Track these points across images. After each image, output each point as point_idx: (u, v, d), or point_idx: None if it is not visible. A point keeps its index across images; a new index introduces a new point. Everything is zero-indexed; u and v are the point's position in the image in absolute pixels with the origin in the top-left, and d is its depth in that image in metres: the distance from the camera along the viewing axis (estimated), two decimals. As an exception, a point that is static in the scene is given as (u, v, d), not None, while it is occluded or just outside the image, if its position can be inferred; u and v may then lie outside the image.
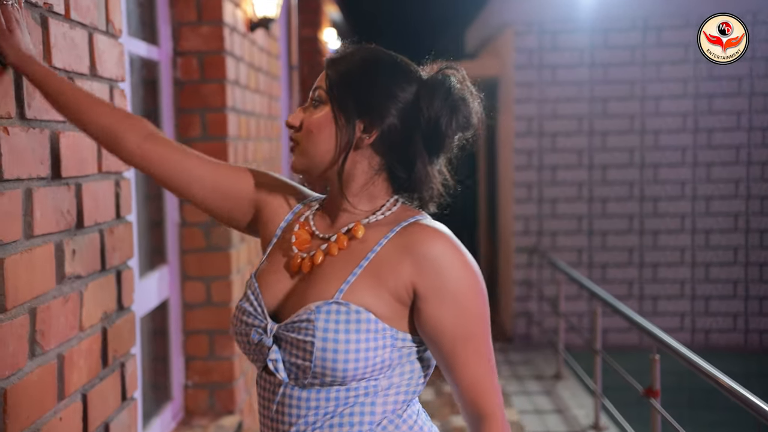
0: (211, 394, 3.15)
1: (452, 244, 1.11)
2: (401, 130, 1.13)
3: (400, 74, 1.15)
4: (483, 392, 1.12)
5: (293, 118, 1.17)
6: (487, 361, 1.13)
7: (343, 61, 1.16)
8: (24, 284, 1.34)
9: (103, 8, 1.73)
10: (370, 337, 1.07)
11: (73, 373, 1.53)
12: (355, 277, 1.11)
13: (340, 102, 1.13)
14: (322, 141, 1.14)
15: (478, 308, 1.11)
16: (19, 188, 1.33)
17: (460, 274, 1.09)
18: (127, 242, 1.86)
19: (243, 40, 3.40)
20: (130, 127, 1.31)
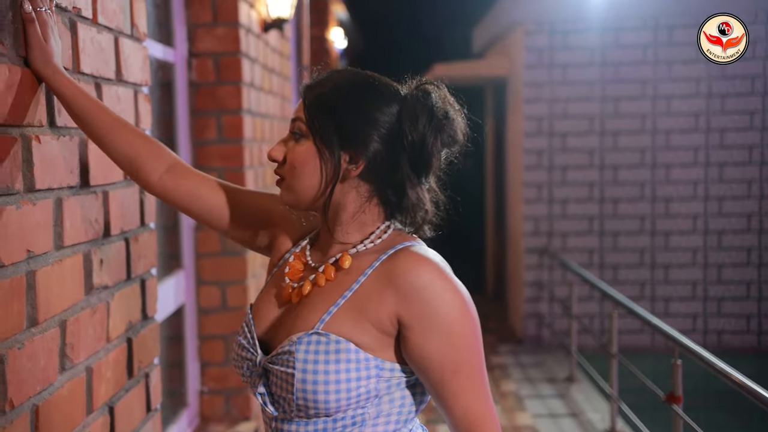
0: (227, 400, 3.11)
1: (438, 271, 1.09)
2: (387, 155, 1.12)
3: (379, 98, 1.12)
4: (477, 423, 1.08)
5: (275, 151, 1.15)
6: (481, 391, 1.09)
7: (319, 89, 1.13)
8: (55, 296, 1.30)
9: (128, 12, 1.69)
10: (352, 368, 1.06)
11: (101, 386, 1.50)
12: (337, 307, 1.10)
13: (322, 134, 1.11)
14: (307, 176, 1.12)
15: (467, 336, 1.08)
16: (50, 198, 1.29)
17: (446, 302, 1.07)
18: (151, 250, 1.82)
19: (257, 41, 3.37)
20: (153, 158, 1.30)
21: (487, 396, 1.10)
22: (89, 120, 1.27)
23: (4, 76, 1.14)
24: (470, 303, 1.11)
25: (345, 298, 1.11)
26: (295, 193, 1.15)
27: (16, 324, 1.17)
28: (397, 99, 1.13)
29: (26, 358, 1.20)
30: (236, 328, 3.07)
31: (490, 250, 8.15)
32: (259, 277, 3.32)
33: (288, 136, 1.16)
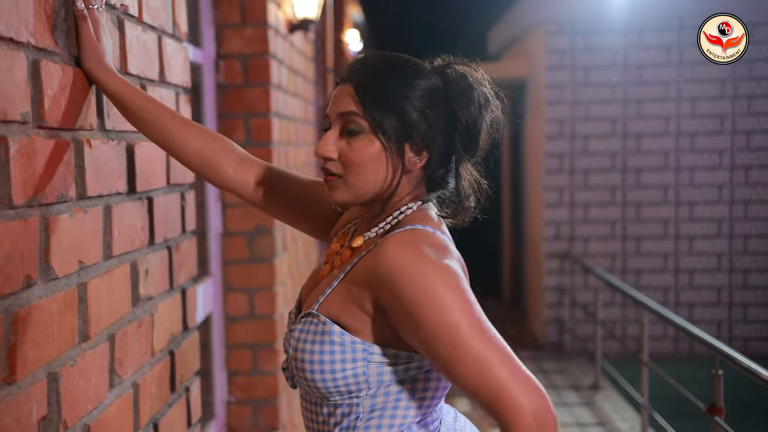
0: (254, 411, 3.04)
1: (414, 253, 1.00)
2: (444, 141, 1.09)
3: (429, 83, 1.09)
4: (496, 399, 0.94)
5: (328, 150, 1.08)
6: (491, 365, 0.95)
7: (372, 81, 1.07)
8: (104, 309, 1.23)
9: (170, 9, 1.62)
10: (336, 350, 1.04)
11: (146, 402, 1.42)
12: (331, 289, 1.09)
13: (385, 129, 1.06)
14: (372, 172, 1.07)
15: (449, 314, 0.96)
16: (100, 205, 1.22)
17: (418, 283, 0.97)
18: (191, 258, 1.75)
19: (283, 42, 3.30)
20: (224, 152, 1.27)
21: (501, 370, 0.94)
22: (152, 120, 1.20)
23: (58, 77, 1.07)
24: (454, 276, 1.00)
25: (338, 279, 1.09)
26: (355, 190, 1.09)
27: (69, 340, 1.10)
28: (439, 81, 1.10)
29: (78, 376, 1.13)
30: (264, 337, 3.00)
31: (506, 255, 8.06)
32: (287, 284, 3.25)
33: (335, 132, 1.09)
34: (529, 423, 0.92)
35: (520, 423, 0.92)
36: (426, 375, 1.08)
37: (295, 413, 3.48)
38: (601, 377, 4.93)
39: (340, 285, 1.08)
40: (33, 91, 1.00)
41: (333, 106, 1.10)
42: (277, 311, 3.04)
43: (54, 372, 1.05)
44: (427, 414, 1.10)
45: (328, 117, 1.11)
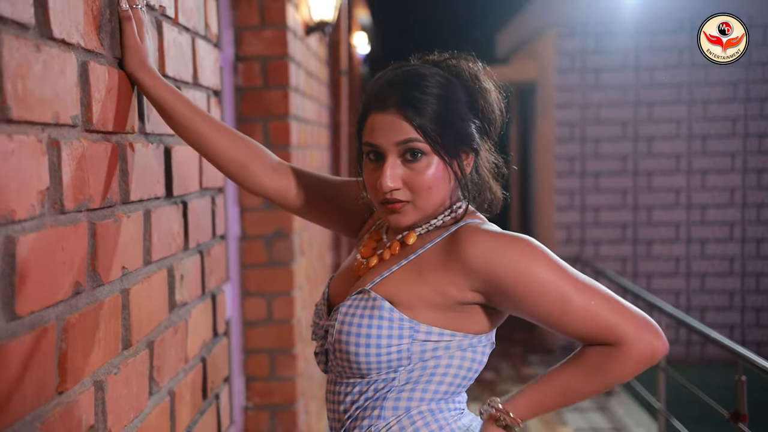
0: (272, 417, 3.01)
1: (493, 237, 1.09)
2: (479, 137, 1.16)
3: (457, 87, 1.14)
4: (604, 331, 1.06)
5: (394, 181, 1.10)
6: (592, 305, 1.06)
7: (426, 103, 1.10)
8: (144, 316, 1.21)
9: (203, 11, 1.60)
10: (384, 325, 1.08)
11: (182, 410, 1.40)
12: (390, 272, 1.13)
13: (448, 149, 1.11)
14: (442, 190, 1.12)
15: (542, 276, 1.06)
16: (140, 210, 1.20)
17: (509, 260, 1.07)
18: (221, 263, 1.73)
19: (301, 44, 3.28)
20: (261, 160, 1.28)
21: (601, 302, 1.06)
22: (192, 126, 1.18)
23: (104, 80, 1.05)
24: (531, 243, 1.09)
25: (399, 265, 1.13)
26: (425, 211, 1.13)
27: (113, 347, 1.08)
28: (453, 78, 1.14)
29: (122, 384, 1.10)
30: (282, 342, 2.98)
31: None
32: (304, 288, 3.22)
33: (394, 160, 1.10)
34: (639, 350, 1.05)
35: (630, 350, 1.05)
36: (462, 353, 1.11)
37: (312, 419, 3.45)
38: (614, 382, 4.90)
39: (402, 270, 1.12)
40: (81, 94, 0.98)
41: (385, 135, 1.09)
42: (295, 316, 3.01)
43: (100, 380, 1.03)
44: (456, 393, 1.15)
45: (375, 145, 1.10)
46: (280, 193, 1.29)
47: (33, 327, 0.85)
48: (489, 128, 1.16)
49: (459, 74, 1.14)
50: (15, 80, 0.81)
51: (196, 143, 1.22)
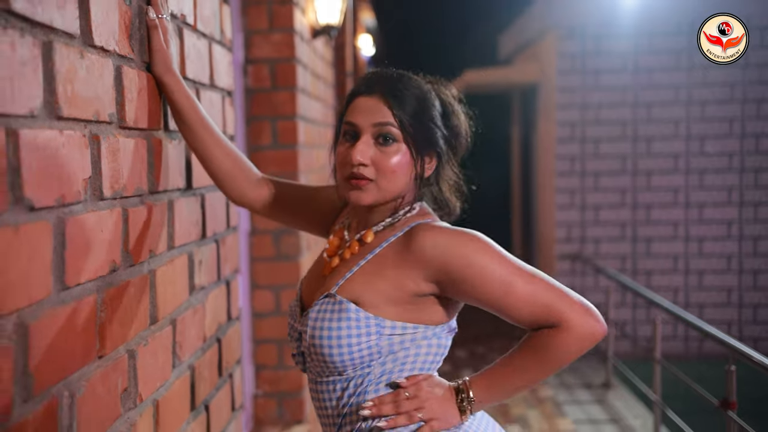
0: (280, 404, 3.14)
1: (446, 232, 1.18)
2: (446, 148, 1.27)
3: (437, 102, 1.26)
4: (547, 313, 1.15)
5: (364, 155, 1.19)
6: (532, 289, 1.15)
7: (406, 99, 1.21)
8: (169, 296, 1.33)
9: (218, 17, 1.73)
10: (352, 325, 1.16)
11: (200, 384, 1.53)
12: (351, 273, 1.22)
13: (417, 142, 1.21)
14: (403, 178, 1.21)
15: (487, 264, 1.15)
16: (165, 200, 1.33)
17: (459, 251, 1.15)
18: (234, 252, 1.86)
19: (307, 47, 3.40)
20: (244, 173, 1.43)
21: (545, 288, 1.15)
22: (197, 133, 1.33)
23: (135, 82, 1.18)
24: (478, 237, 1.18)
25: (359, 266, 1.22)
26: (384, 193, 1.21)
27: (143, 321, 1.21)
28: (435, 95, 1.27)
29: (150, 355, 1.23)
30: (289, 332, 3.10)
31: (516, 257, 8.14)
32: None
33: (368, 140, 1.20)
34: (579, 330, 1.14)
35: (571, 331, 1.14)
36: (428, 342, 1.22)
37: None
38: (612, 376, 5.01)
39: (363, 269, 1.21)
40: (116, 95, 1.11)
41: (365, 115, 1.20)
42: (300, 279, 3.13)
43: (132, 350, 1.16)
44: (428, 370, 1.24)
45: (354, 124, 1.21)
46: (259, 203, 1.44)
47: (79, 297, 0.97)
48: (455, 144, 1.28)
49: (438, 92, 1.28)
50: (65, 83, 0.93)
51: (196, 148, 1.36)
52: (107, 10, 1.07)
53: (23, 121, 0.84)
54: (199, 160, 1.41)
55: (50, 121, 0.90)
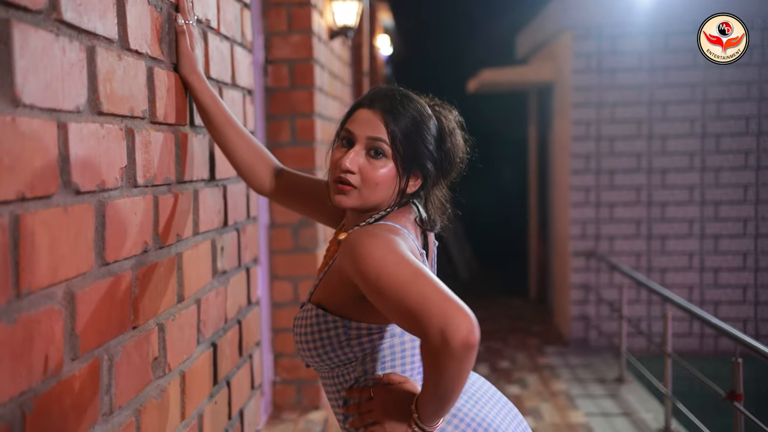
0: (298, 390, 3.26)
1: (363, 235, 1.18)
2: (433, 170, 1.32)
3: (433, 125, 1.31)
4: (416, 323, 1.07)
5: (353, 164, 1.25)
6: (408, 302, 1.08)
7: (402, 119, 1.27)
8: (193, 277, 1.46)
9: (240, 21, 1.85)
10: (322, 329, 1.26)
11: (222, 361, 1.65)
12: (320, 280, 1.32)
13: (404, 160, 1.27)
14: (385, 190, 1.27)
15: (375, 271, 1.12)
16: (190, 189, 1.45)
17: (364, 256, 1.14)
18: (254, 241, 1.98)
19: (325, 48, 3.52)
20: (265, 164, 1.52)
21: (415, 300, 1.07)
22: (221, 129, 1.45)
23: (164, 81, 1.30)
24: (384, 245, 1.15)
25: (329, 266, 1.31)
26: (364, 201, 1.28)
27: (170, 299, 1.33)
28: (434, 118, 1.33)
29: (177, 330, 1.35)
30: (307, 322, 3.22)
31: (533, 254, 8.20)
32: (326, 273, 3.46)
33: (360, 150, 1.26)
34: (436, 339, 1.04)
35: (429, 340, 1.06)
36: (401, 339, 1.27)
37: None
38: (626, 371, 5.07)
39: (328, 274, 1.30)
40: (148, 93, 1.23)
41: (363, 127, 1.27)
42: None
43: (162, 323, 1.28)
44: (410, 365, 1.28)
45: (351, 133, 1.28)
46: (277, 193, 1.54)
47: (117, 273, 1.10)
48: (447, 167, 1.33)
49: (439, 117, 1.34)
50: (105, 82, 1.06)
51: (219, 141, 1.47)
52: (141, 17, 1.20)
53: (71, 115, 0.96)
54: (223, 153, 1.51)
55: (93, 116, 1.03)
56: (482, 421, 1.27)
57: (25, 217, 0.84)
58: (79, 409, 0.98)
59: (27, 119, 0.84)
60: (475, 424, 1.26)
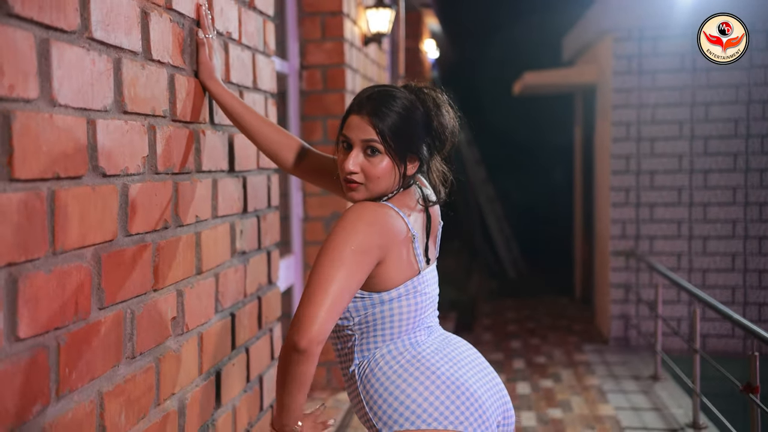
0: (328, 371, 3.49)
1: (352, 208, 1.41)
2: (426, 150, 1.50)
3: (419, 112, 1.48)
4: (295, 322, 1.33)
5: (355, 167, 1.45)
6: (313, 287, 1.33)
7: (387, 118, 1.44)
8: (212, 254, 1.70)
9: (262, 33, 2.09)
10: None
11: (240, 329, 1.89)
12: None
13: (398, 153, 1.44)
14: (386, 181, 1.46)
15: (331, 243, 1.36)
16: (209, 178, 1.69)
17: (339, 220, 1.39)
18: (275, 227, 2.21)
19: (358, 53, 3.76)
20: (289, 150, 1.72)
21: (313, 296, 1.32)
22: (242, 121, 1.67)
23: (185, 86, 1.55)
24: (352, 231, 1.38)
25: None
26: (371, 193, 1.47)
27: (189, 270, 1.57)
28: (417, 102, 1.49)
29: (195, 296, 1.59)
30: (338, 309, 3.45)
31: (578, 254, 8.25)
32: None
33: (359, 152, 1.44)
34: (289, 341, 1.33)
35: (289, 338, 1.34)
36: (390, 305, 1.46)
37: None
38: (661, 369, 5.11)
39: None
40: (169, 95, 1.48)
41: (356, 132, 1.44)
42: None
43: (180, 289, 1.52)
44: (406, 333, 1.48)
45: (348, 138, 1.46)
46: (303, 171, 1.73)
47: (138, 243, 1.34)
48: (438, 144, 1.51)
49: (424, 101, 1.50)
50: (129, 87, 1.31)
51: (245, 132, 1.70)
52: (163, 32, 1.45)
53: (99, 113, 1.21)
54: (251, 141, 1.71)
55: (118, 114, 1.27)
56: (456, 380, 1.44)
57: (59, 192, 1.09)
58: (104, 348, 1.22)
59: (62, 116, 1.09)
60: (450, 382, 1.44)
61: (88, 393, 1.17)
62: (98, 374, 1.20)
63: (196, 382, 1.60)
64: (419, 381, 1.43)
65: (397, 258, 1.43)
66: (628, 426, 4.14)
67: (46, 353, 1.06)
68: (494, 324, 7.01)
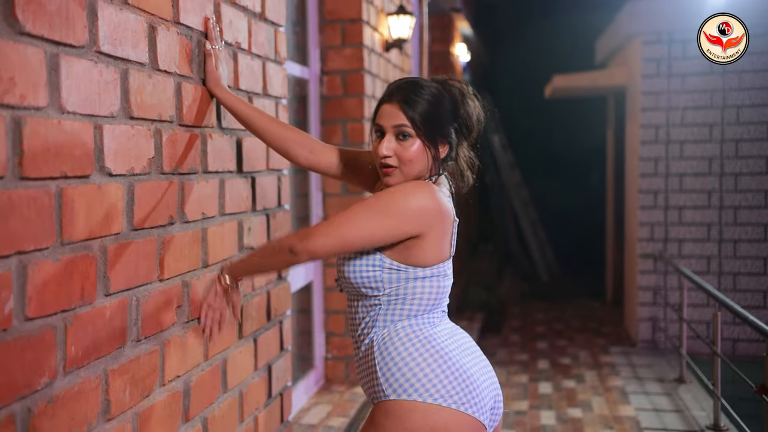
0: (346, 366, 3.61)
1: (404, 184, 1.55)
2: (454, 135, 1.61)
3: (447, 100, 1.60)
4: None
5: (390, 151, 1.57)
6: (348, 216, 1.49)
7: (417, 104, 1.56)
8: (218, 249, 1.83)
9: (273, 42, 2.22)
10: (363, 255, 1.55)
11: (248, 320, 2.01)
12: None
13: (429, 137, 1.56)
14: (419, 164, 1.57)
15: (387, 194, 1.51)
16: (217, 179, 1.82)
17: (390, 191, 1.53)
18: (285, 226, 2.34)
19: (379, 59, 3.87)
20: (298, 146, 1.82)
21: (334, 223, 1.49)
22: (251, 122, 1.79)
23: (192, 93, 1.68)
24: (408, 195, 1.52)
25: None
26: (406, 176, 1.58)
27: (195, 263, 1.70)
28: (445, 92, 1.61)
29: (201, 288, 1.72)
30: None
31: (609, 257, 8.21)
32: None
33: (391, 138, 1.57)
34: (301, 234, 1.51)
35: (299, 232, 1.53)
36: (422, 282, 1.57)
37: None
38: (687, 372, 5.09)
39: None
40: (176, 102, 1.61)
41: (387, 119, 1.58)
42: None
43: (186, 281, 1.66)
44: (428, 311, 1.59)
45: (381, 126, 1.60)
46: (315, 167, 1.83)
47: (144, 237, 1.48)
48: (465, 131, 1.63)
49: (450, 91, 1.62)
50: (135, 95, 1.44)
51: (254, 131, 1.81)
52: (170, 44, 1.58)
53: (106, 119, 1.34)
54: (261, 139, 1.83)
55: (125, 119, 1.41)
56: (462, 366, 1.56)
57: (67, 189, 1.22)
58: (109, 331, 1.36)
59: (69, 122, 1.23)
60: (456, 368, 1.55)
61: (94, 370, 1.31)
62: (103, 354, 1.33)
63: (201, 366, 1.73)
64: (433, 359, 1.54)
65: (440, 237, 1.56)
66: (647, 427, 4.16)
67: (54, 332, 1.20)
68: (523, 326, 7.04)
